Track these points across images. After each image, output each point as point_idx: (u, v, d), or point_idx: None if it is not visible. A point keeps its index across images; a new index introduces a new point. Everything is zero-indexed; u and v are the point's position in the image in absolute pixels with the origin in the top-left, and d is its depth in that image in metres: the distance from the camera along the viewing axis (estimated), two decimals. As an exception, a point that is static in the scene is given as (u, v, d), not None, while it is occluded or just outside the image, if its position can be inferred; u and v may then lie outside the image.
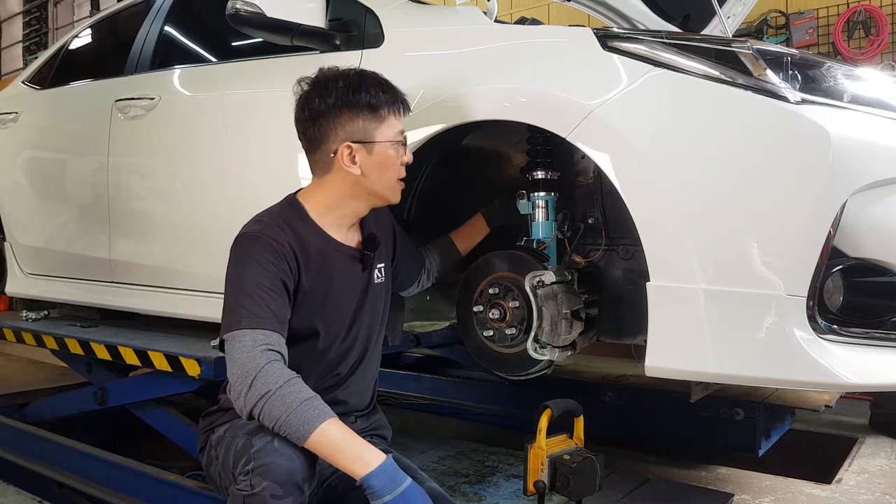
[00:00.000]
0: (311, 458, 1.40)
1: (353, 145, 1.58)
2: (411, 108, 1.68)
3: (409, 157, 1.67)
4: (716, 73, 1.52)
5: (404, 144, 1.66)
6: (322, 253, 1.62)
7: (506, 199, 1.99)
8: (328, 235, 1.64)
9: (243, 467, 1.38)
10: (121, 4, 3.24)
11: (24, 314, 3.23)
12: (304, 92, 1.62)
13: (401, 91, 1.65)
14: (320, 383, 1.62)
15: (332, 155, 1.59)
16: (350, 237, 1.69)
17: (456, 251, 2.00)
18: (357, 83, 1.59)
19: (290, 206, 1.65)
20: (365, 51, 2.05)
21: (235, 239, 1.58)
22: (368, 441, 1.68)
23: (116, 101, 2.72)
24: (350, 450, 1.37)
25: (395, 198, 1.67)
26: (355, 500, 1.62)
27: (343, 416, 1.68)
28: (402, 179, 1.66)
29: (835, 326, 1.47)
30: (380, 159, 1.60)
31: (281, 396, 1.36)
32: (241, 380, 1.39)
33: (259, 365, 1.38)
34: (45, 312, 3.26)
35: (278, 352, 1.44)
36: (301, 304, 1.58)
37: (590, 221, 1.91)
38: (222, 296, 1.54)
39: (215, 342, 1.81)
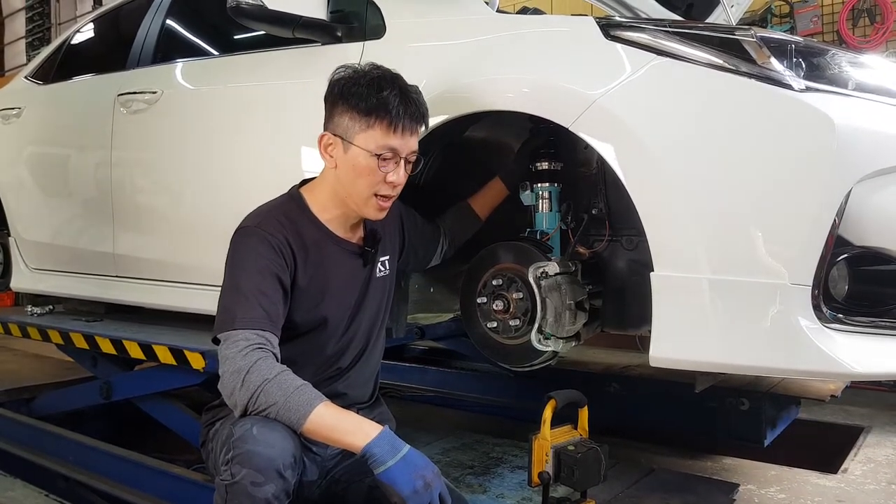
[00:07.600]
0: (294, 445, 1.40)
1: (333, 137, 1.57)
2: (423, 129, 1.60)
3: (398, 178, 1.56)
4: (719, 61, 1.50)
5: (396, 163, 1.55)
6: (320, 247, 1.61)
7: (522, 160, 1.95)
8: (328, 230, 1.63)
9: (224, 456, 1.39)
10: (122, -1, 3.24)
11: (30, 309, 3.25)
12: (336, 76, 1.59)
13: (418, 113, 1.56)
14: (320, 376, 1.62)
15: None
16: (352, 233, 1.69)
17: (475, 216, 1.98)
18: (368, 81, 1.53)
19: (292, 199, 1.65)
20: (367, 42, 2.04)
21: (234, 232, 1.58)
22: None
23: (119, 95, 2.72)
24: (348, 425, 1.39)
25: (367, 213, 1.59)
26: (358, 492, 1.63)
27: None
28: (384, 197, 1.57)
29: (840, 315, 1.46)
30: (353, 162, 1.54)
31: (277, 383, 1.38)
32: (233, 376, 1.40)
33: (251, 360, 1.39)
34: (50, 307, 3.28)
35: (271, 351, 1.44)
36: (299, 297, 1.58)
37: (593, 212, 1.90)
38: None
39: None
